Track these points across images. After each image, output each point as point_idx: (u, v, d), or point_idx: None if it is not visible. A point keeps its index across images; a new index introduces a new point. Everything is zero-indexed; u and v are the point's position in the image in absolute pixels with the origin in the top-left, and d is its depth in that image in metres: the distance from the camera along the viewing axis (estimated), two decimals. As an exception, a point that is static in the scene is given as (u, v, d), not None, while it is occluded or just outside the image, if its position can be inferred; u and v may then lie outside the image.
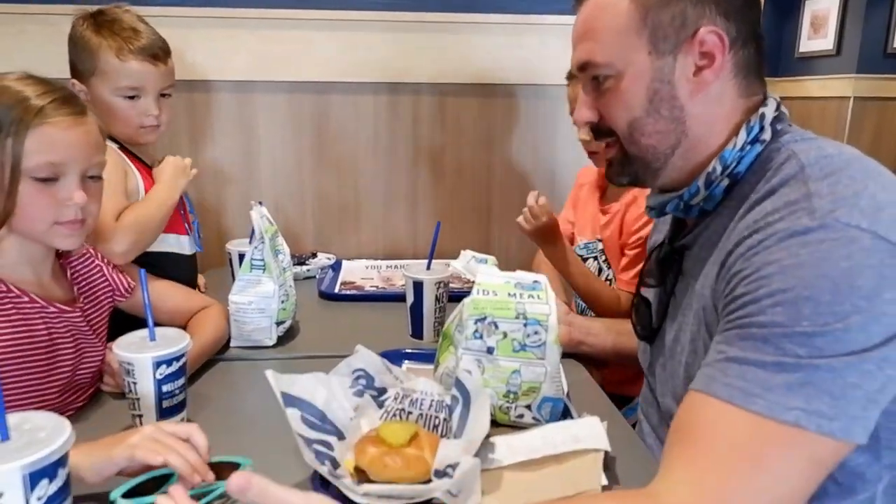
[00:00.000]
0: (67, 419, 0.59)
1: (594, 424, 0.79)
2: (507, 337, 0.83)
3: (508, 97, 1.87)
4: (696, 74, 0.75)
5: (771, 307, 0.61)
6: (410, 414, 0.81)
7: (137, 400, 0.82)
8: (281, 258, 1.19)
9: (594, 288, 1.39)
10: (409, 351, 1.12)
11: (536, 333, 0.83)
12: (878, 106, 2.72)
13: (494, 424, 0.80)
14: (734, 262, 0.67)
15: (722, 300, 0.69)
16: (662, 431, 0.87)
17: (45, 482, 0.55)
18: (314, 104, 1.83)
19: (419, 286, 1.19)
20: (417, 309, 1.20)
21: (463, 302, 0.87)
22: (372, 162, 1.88)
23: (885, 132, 2.75)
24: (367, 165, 1.88)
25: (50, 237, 0.88)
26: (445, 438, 0.76)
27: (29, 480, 0.53)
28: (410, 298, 1.21)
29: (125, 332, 0.87)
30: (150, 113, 1.21)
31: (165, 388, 0.82)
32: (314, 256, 1.75)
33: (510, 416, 0.86)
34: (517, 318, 0.83)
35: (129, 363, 0.80)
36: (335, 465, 0.71)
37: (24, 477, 0.53)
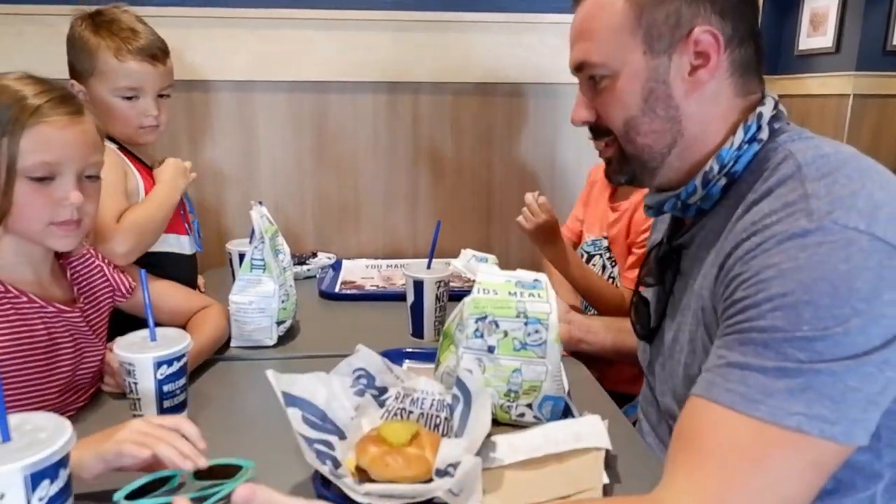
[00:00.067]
0: (68, 420, 0.59)
1: (595, 423, 0.79)
2: (507, 336, 0.83)
3: (508, 96, 1.87)
4: (691, 74, 0.75)
5: (771, 311, 0.61)
6: (411, 413, 0.81)
7: (138, 400, 0.82)
8: (281, 258, 1.19)
9: (596, 287, 1.40)
10: (409, 350, 1.12)
11: (537, 332, 0.83)
12: (877, 103, 2.72)
13: (495, 423, 0.80)
14: (733, 264, 0.67)
15: (721, 303, 0.68)
16: (662, 430, 0.88)
17: (46, 483, 0.55)
18: (314, 104, 1.82)
19: (420, 285, 1.19)
20: (418, 308, 1.20)
21: (463, 301, 0.87)
22: (372, 161, 1.88)
23: (884, 129, 2.74)
24: (367, 165, 1.88)
25: (45, 238, 0.87)
26: (446, 438, 0.76)
27: (30, 481, 0.53)
28: (411, 298, 1.21)
29: (125, 332, 0.88)
30: (148, 113, 1.20)
31: (166, 388, 0.82)
32: (314, 256, 1.75)
33: (511, 415, 0.86)
34: (518, 316, 0.83)
35: (129, 363, 0.81)
36: (336, 464, 0.71)
37: (25, 478, 0.53)
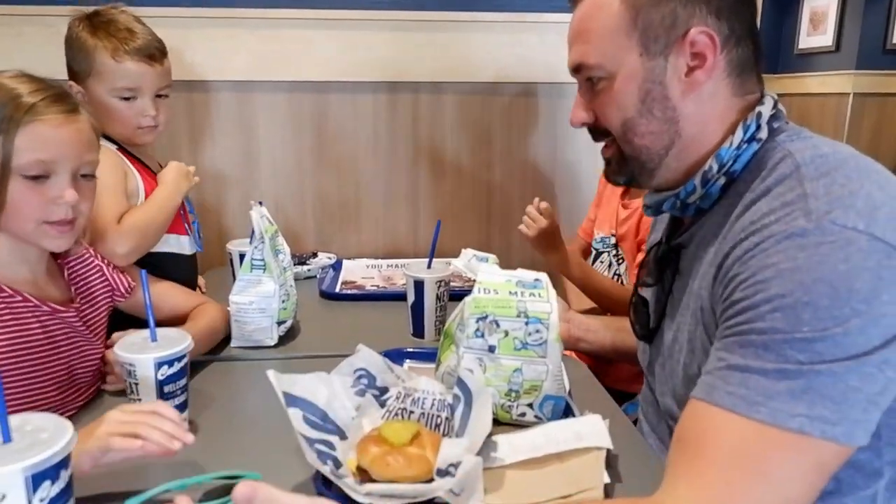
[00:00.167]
0: (69, 420, 0.58)
1: (596, 422, 0.79)
2: (508, 335, 0.83)
3: (508, 95, 1.87)
4: (688, 75, 0.75)
5: (770, 313, 0.60)
6: (412, 413, 0.80)
7: (139, 400, 0.82)
8: (281, 258, 1.19)
9: (605, 288, 1.42)
10: (410, 350, 1.12)
11: (538, 332, 0.83)
12: (877, 102, 2.71)
13: (496, 423, 0.80)
14: (731, 265, 0.67)
15: (720, 304, 0.68)
16: (662, 431, 0.87)
17: (47, 484, 0.54)
18: (314, 104, 1.82)
19: (420, 285, 1.19)
20: (418, 308, 1.20)
21: (464, 300, 0.87)
22: (372, 161, 1.88)
23: (884, 128, 2.74)
24: (367, 164, 1.88)
25: (38, 237, 0.87)
26: (447, 437, 0.76)
27: (31, 482, 0.53)
28: (411, 297, 1.21)
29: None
30: (147, 113, 1.20)
31: (167, 388, 0.82)
32: (315, 256, 1.75)
33: (512, 414, 0.86)
34: (518, 316, 0.83)
35: (130, 364, 0.80)
36: (337, 464, 0.71)
37: (26, 479, 0.53)
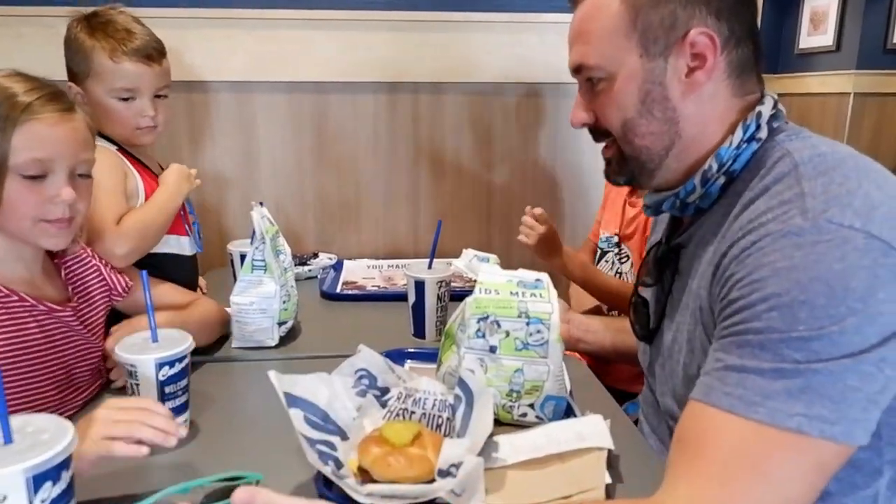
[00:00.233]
0: (69, 420, 0.58)
1: (597, 423, 0.79)
2: (509, 336, 0.83)
3: (508, 95, 1.87)
4: (688, 76, 0.75)
5: (766, 312, 0.60)
6: (413, 413, 0.80)
7: (140, 401, 0.82)
8: (282, 258, 1.19)
9: (607, 286, 1.43)
10: (411, 350, 1.12)
11: (539, 332, 0.83)
12: (878, 102, 2.72)
13: (497, 423, 0.80)
14: (728, 264, 0.67)
15: (717, 303, 0.68)
16: (662, 431, 0.87)
17: (48, 485, 0.54)
18: (314, 104, 1.82)
19: (421, 285, 1.19)
20: (419, 308, 1.20)
21: (465, 301, 0.87)
22: (372, 161, 1.88)
23: (885, 128, 2.74)
24: (367, 165, 1.88)
25: (35, 235, 0.87)
26: (449, 438, 0.76)
27: (32, 483, 0.53)
28: (412, 298, 1.21)
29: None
30: (145, 114, 1.20)
31: (168, 389, 0.82)
32: (315, 256, 1.75)
33: (513, 415, 0.86)
34: (520, 316, 0.83)
35: (131, 365, 0.80)
36: (338, 465, 0.71)
37: (27, 480, 0.53)
